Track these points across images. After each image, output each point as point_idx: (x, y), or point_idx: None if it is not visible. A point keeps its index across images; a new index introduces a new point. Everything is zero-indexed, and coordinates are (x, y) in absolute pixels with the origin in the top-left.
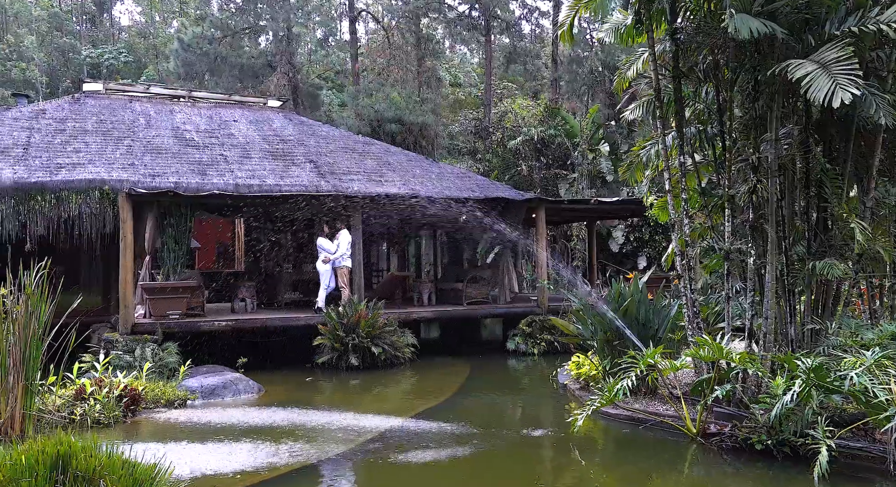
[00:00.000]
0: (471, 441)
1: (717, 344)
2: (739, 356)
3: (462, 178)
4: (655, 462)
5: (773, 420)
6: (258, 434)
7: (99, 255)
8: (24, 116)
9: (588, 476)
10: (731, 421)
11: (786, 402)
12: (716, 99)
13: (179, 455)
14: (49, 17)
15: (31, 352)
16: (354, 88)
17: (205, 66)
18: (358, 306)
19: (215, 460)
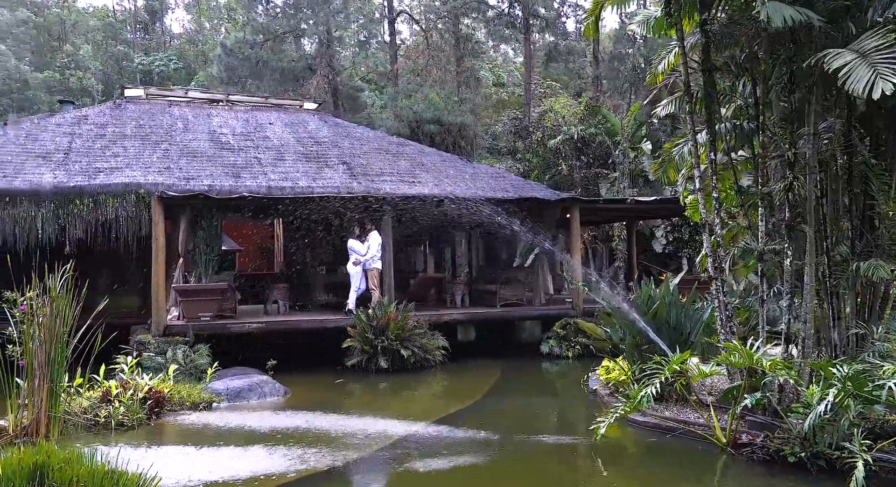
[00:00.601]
0: (488, 448)
1: (746, 350)
2: (770, 362)
3: (496, 178)
4: (681, 474)
5: (806, 432)
6: (275, 438)
7: (135, 257)
8: (67, 122)
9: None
10: (764, 431)
11: (819, 412)
12: (752, 93)
13: (192, 460)
14: (104, 27)
15: (56, 354)
16: (393, 90)
17: (247, 70)
18: (387, 308)
19: (224, 466)
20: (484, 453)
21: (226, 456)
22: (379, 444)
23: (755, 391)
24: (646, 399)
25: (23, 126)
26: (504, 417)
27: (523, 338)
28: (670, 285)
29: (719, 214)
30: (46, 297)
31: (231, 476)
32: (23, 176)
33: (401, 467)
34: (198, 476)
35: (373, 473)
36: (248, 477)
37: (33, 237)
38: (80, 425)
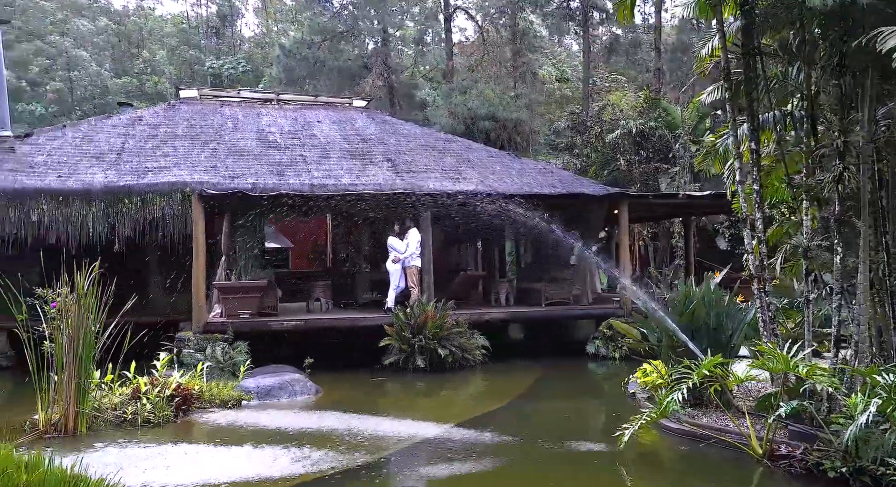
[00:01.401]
0: (507, 453)
1: (782, 354)
2: (808, 368)
3: (544, 173)
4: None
5: (847, 445)
6: (292, 439)
7: (185, 255)
8: (122, 123)
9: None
10: (805, 443)
11: (861, 424)
12: (801, 78)
13: (199, 459)
14: (178, 33)
15: (84, 351)
16: (448, 87)
17: (305, 70)
18: (426, 306)
19: (231, 466)
20: (500, 458)
21: (233, 457)
22: (396, 447)
23: (795, 398)
24: (672, 405)
25: (80, 128)
26: (532, 420)
27: (570, 338)
28: (711, 283)
29: (761, 208)
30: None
31: (219, 478)
32: (76, 176)
33: (408, 472)
34: (194, 478)
35: (371, 478)
36: (238, 481)
37: (84, 236)
38: (109, 421)
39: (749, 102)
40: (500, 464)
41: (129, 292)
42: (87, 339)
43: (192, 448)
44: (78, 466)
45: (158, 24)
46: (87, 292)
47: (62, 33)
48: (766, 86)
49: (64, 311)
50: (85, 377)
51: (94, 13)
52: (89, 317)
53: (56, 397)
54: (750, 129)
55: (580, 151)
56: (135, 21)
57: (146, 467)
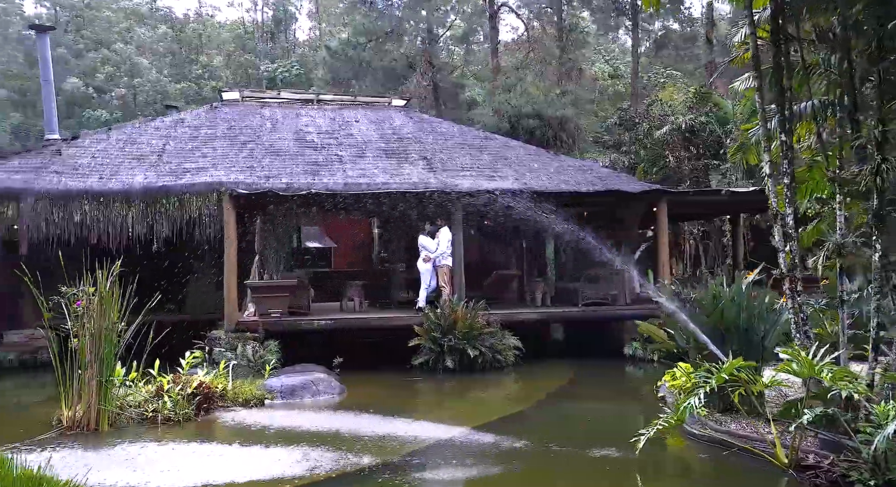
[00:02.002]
0: (518, 458)
1: (806, 357)
2: (833, 373)
3: (583, 171)
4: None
5: (875, 456)
6: (302, 439)
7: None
8: (165, 126)
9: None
10: (835, 453)
11: (888, 435)
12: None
13: (207, 459)
14: (234, 39)
15: (106, 349)
16: (492, 85)
17: (350, 72)
18: (456, 306)
19: (231, 466)
20: (509, 463)
21: (238, 457)
22: (405, 450)
23: (821, 405)
24: (689, 411)
25: (125, 130)
26: (552, 424)
27: (608, 340)
28: (742, 283)
29: (792, 203)
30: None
31: (212, 479)
32: (117, 177)
33: (407, 477)
34: (190, 479)
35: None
36: (230, 482)
37: (124, 236)
38: (131, 418)
39: (779, 91)
40: (507, 470)
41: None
42: (109, 337)
43: (202, 447)
44: (75, 463)
45: (216, 30)
46: (108, 291)
47: (126, 42)
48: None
49: (87, 309)
50: (106, 375)
51: (155, 21)
52: (111, 316)
53: (79, 394)
54: (780, 119)
55: (628, 149)
56: (193, 28)
57: (142, 465)
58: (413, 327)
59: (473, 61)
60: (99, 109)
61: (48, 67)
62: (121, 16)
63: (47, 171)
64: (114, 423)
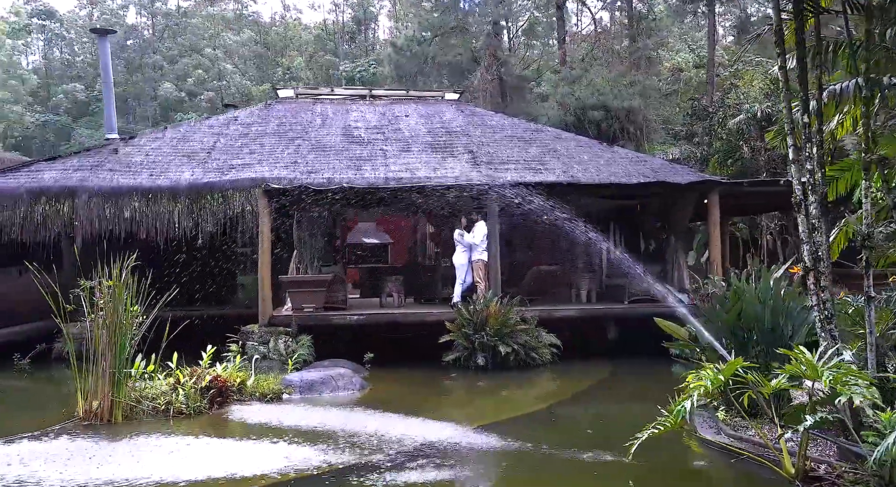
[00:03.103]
0: (501, 460)
1: (808, 359)
2: (834, 376)
3: (636, 163)
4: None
5: (875, 466)
6: (298, 435)
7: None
8: (219, 124)
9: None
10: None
11: (888, 445)
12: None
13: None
14: (315, 40)
15: (119, 342)
16: (557, 77)
17: (414, 67)
18: (489, 302)
19: (210, 462)
20: (484, 465)
21: (223, 452)
22: (390, 449)
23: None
24: (682, 415)
25: (180, 129)
26: (562, 425)
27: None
28: (770, 278)
29: (815, 191)
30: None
31: (181, 476)
32: (166, 175)
33: (372, 477)
34: (158, 473)
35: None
36: (194, 480)
37: (171, 231)
38: (145, 411)
39: (801, 68)
40: (476, 473)
41: (216, 284)
42: (122, 330)
43: (197, 440)
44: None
45: (297, 32)
46: (122, 285)
47: (214, 47)
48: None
49: (104, 303)
50: (120, 368)
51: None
52: (124, 309)
53: (95, 386)
54: (802, 99)
55: (701, 140)
56: (276, 31)
57: (122, 460)
58: (445, 323)
59: (540, 54)
60: (190, 111)
61: (108, 70)
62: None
63: (102, 169)
64: (128, 415)
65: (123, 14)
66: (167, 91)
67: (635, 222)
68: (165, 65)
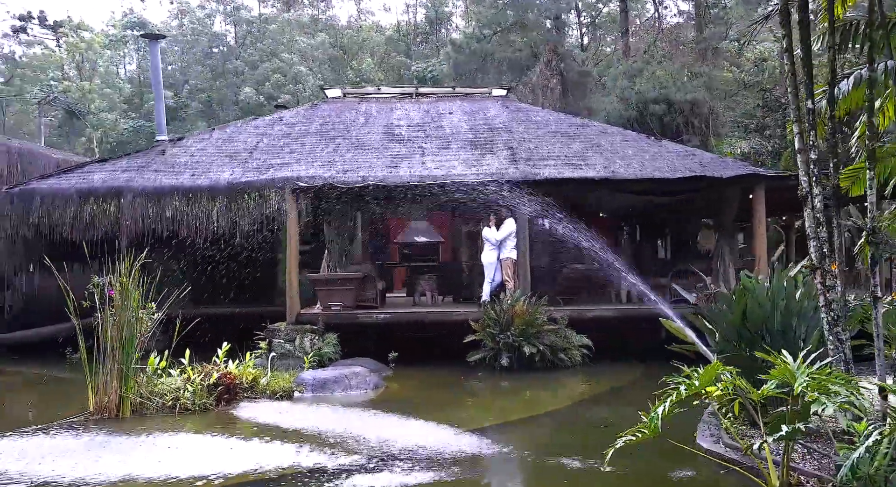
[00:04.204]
0: (483, 467)
1: (784, 363)
2: (809, 382)
3: (683, 157)
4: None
5: (842, 480)
6: (288, 436)
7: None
8: (263, 124)
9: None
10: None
11: (855, 458)
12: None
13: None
14: (386, 41)
15: (128, 338)
16: (617, 70)
17: (474, 64)
18: (515, 301)
19: (179, 462)
20: (463, 472)
21: (201, 451)
22: (367, 453)
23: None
24: (655, 422)
25: (227, 130)
26: (560, 429)
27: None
28: (783, 276)
29: (820, 182)
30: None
31: (142, 475)
32: (207, 174)
33: (334, 481)
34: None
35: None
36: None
37: (210, 230)
38: (153, 407)
39: (805, 48)
40: (440, 479)
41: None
42: (131, 327)
43: (180, 438)
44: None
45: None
46: (132, 282)
47: (290, 51)
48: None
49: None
50: (128, 364)
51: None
52: (133, 306)
53: (104, 382)
54: (805, 83)
55: (773, 133)
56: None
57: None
58: (469, 322)
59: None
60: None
61: (158, 73)
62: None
63: (148, 169)
64: (137, 410)
65: (210, 23)
66: (247, 95)
67: (684, 219)
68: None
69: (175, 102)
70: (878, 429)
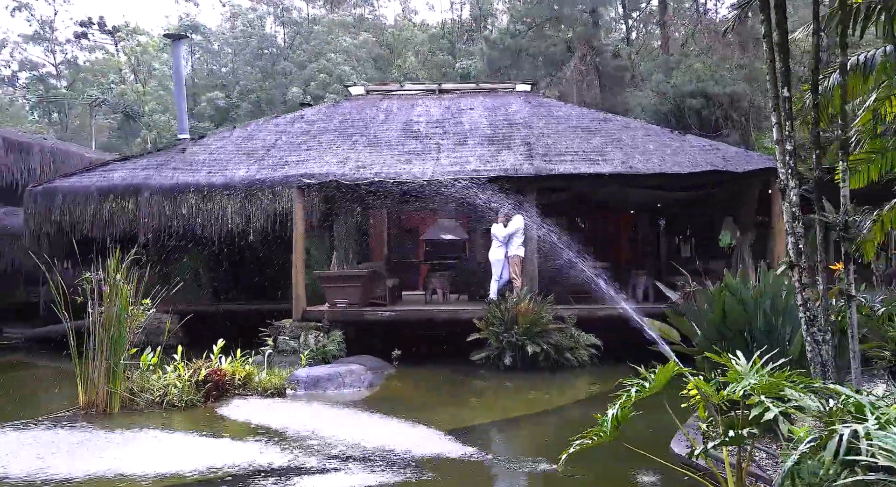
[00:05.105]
0: (439, 470)
1: (733, 366)
2: (752, 385)
3: (706, 151)
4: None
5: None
6: (259, 434)
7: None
8: (284, 122)
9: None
10: None
11: (787, 468)
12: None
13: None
14: (429, 39)
15: (115, 334)
16: (653, 64)
17: (507, 60)
18: (521, 300)
19: (133, 459)
20: (417, 474)
21: (159, 450)
22: (329, 454)
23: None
24: (607, 427)
25: (248, 128)
26: (545, 431)
27: None
28: (771, 274)
29: (795, 175)
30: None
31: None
32: (223, 172)
33: (284, 482)
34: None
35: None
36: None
37: (224, 228)
38: (137, 403)
39: (781, 33)
40: (381, 482)
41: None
42: (118, 323)
43: (149, 435)
44: None
45: (413, 32)
46: (121, 279)
47: (335, 51)
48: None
49: (106, 296)
50: (116, 360)
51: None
52: (121, 303)
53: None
54: (781, 71)
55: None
56: (392, 33)
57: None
58: (473, 321)
59: (639, 41)
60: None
61: (180, 72)
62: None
63: (167, 167)
64: (127, 405)
65: (261, 25)
66: (294, 95)
67: (707, 215)
68: (294, 70)
69: (226, 103)
70: (813, 435)
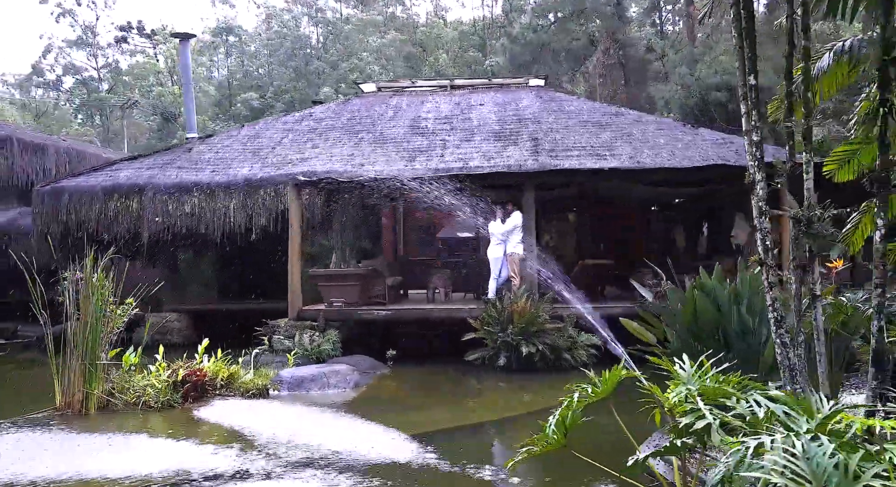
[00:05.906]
0: (388, 476)
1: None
2: (688, 391)
3: (719, 145)
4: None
5: None
6: (221, 437)
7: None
8: (293, 120)
9: None
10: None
11: (716, 478)
12: None
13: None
14: (459, 37)
15: (91, 335)
16: (678, 57)
17: (529, 55)
18: (518, 298)
19: (85, 461)
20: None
21: (114, 451)
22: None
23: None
24: (550, 433)
25: (255, 127)
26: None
27: None
28: (749, 273)
29: (761, 168)
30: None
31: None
32: (226, 171)
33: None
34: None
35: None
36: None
37: (227, 227)
38: (119, 403)
39: (748, 16)
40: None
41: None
42: (94, 322)
43: (110, 439)
44: None
45: (443, 30)
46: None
47: (365, 50)
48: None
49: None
50: (92, 361)
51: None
52: (97, 304)
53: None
54: (748, 57)
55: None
56: (423, 31)
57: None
58: (467, 320)
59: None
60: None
61: (188, 72)
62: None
63: (172, 166)
64: (105, 406)
65: (296, 26)
66: (325, 95)
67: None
68: (327, 70)
69: (260, 104)
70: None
